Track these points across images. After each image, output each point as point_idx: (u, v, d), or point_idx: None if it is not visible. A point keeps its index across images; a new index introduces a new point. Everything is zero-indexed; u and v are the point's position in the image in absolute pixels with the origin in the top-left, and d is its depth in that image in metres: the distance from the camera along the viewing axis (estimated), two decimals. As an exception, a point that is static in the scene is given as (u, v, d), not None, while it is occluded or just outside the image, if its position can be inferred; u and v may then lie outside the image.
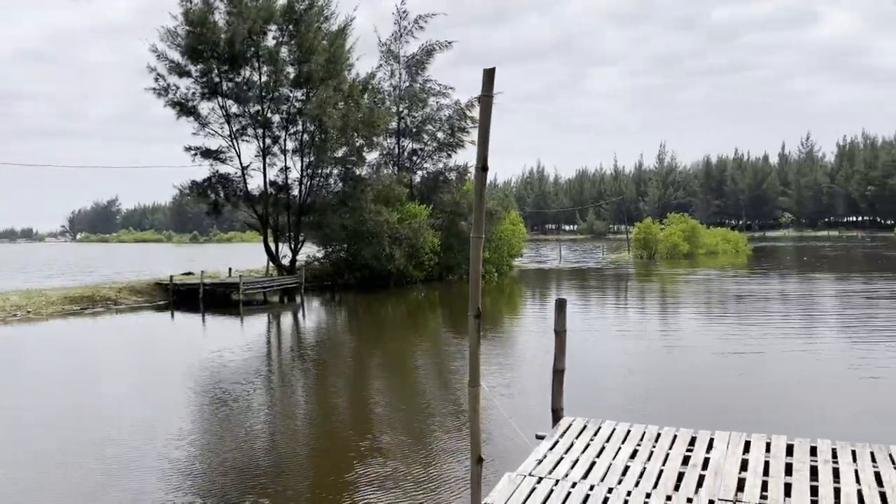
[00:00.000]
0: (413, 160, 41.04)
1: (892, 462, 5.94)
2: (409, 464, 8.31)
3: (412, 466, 8.21)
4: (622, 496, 5.31)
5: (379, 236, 32.89)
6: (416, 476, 7.88)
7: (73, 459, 8.72)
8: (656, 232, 57.75)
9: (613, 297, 30.00)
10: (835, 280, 34.27)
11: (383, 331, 21.81)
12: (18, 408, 11.76)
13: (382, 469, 8.14)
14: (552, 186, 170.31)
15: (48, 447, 9.22)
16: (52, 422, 10.70)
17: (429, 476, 7.88)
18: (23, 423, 10.64)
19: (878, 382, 12.25)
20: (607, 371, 13.55)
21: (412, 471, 8.05)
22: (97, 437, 9.71)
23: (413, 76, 40.10)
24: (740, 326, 19.40)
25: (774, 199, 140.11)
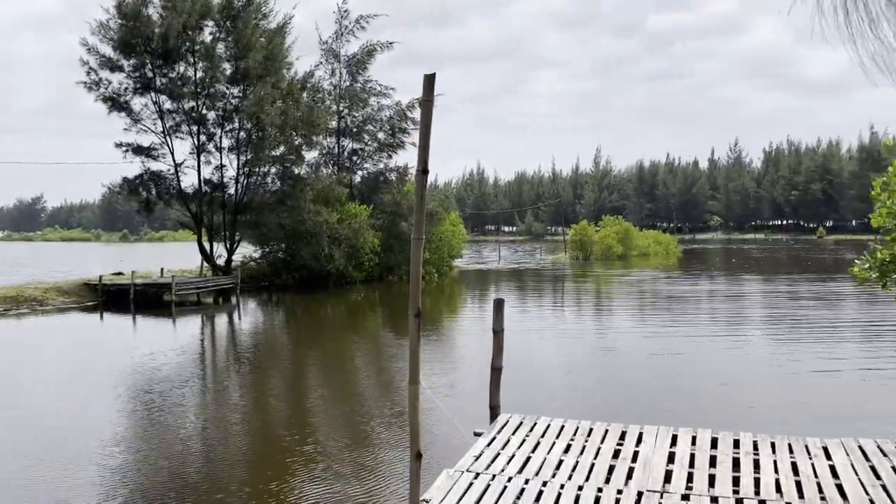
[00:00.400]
0: (353, 160, 40.85)
1: (808, 453, 6.31)
2: (348, 463, 8.33)
3: (351, 465, 8.24)
4: (556, 489, 5.49)
5: (318, 236, 32.60)
6: (356, 475, 7.92)
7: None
8: (592, 234, 59.07)
9: (551, 297, 30.58)
10: (762, 281, 35.78)
11: (322, 331, 21.66)
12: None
13: (321, 471, 8.15)
14: (492, 188, 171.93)
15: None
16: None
17: (368, 474, 7.93)
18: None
19: (798, 379, 12.91)
20: (545, 370, 13.84)
21: (351, 470, 8.09)
22: (21, 448, 9.37)
23: (354, 76, 39.94)
24: (672, 326, 20.08)
25: (704, 203, 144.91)
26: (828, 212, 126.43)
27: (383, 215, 37.23)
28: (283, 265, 34.54)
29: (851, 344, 16.43)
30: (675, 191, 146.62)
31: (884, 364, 13.96)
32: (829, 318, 21.07)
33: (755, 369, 13.73)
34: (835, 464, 6.01)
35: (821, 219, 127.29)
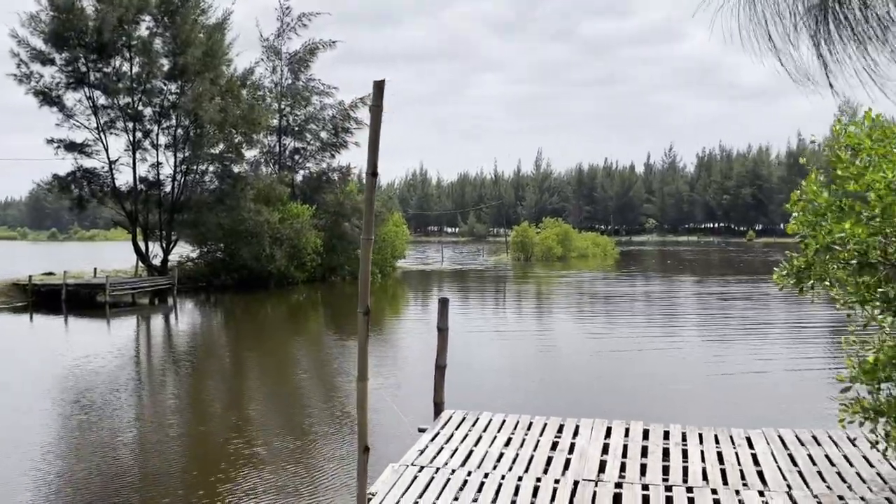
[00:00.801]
0: (295, 159, 40.47)
1: (732, 443, 6.72)
2: (294, 463, 8.39)
3: (297, 465, 8.30)
4: (497, 480, 5.71)
5: (259, 236, 32.19)
6: (302, 474, 7.98)
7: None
8: (533, 235, 60.00)
9: (493, 298, 31.00)
10: (695, 283, 37.09)
11: (263, 333, 21.46)
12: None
13: (268, 472, 8.18)
14: (435, 189, 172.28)
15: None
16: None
17: (314, 472, 8.01)
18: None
19: (726, 375, 13.56)
20: (487, 371, 14.12)
21: (298, 469, 8.15)
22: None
23: (296, 74, 39.58)
24: (611, 327, 20.70)
25: (640, 206, 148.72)
26: (757, 215, 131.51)
27: (326, 215, 37.01)
28: (221, 265, 33.95)
29: (778, 344, 17.29)
30: (613, 194, 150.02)
31: (807, 363, 14.78)
32: (759, 319, 22.08)
33: (692, 370, 14.33)
34: (756, 452, 6.43)
35: (751, 222, 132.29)
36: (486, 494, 5.45)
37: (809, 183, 4.70)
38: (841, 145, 4.58)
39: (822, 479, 5.78)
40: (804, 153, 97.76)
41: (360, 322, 4.25)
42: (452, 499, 5.38)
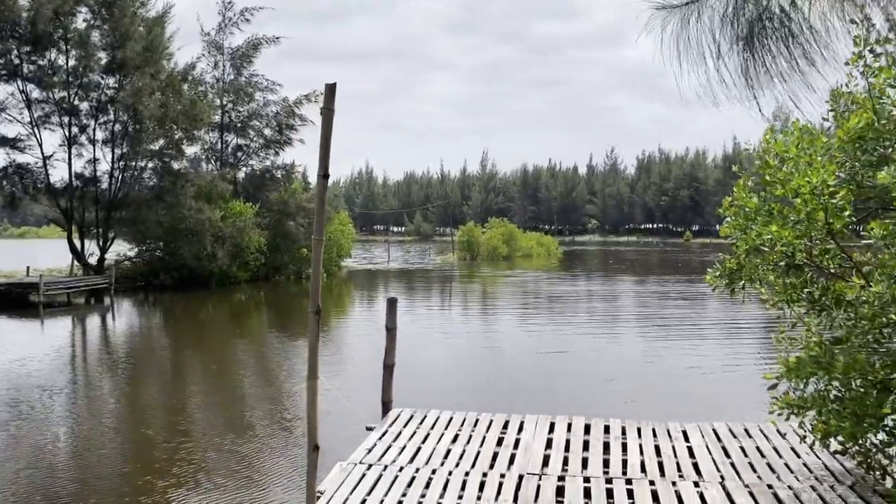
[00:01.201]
0: (238, 156, 39.81)
1: (669, 436, 7.00)
2: (238, 465, 8.33)
3: (238, 466, 8.25)
4: (444, 476, 5.83)
5: (200, 235, 31.54)
6: (248, 476, 7.94)
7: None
8: (479, 235, 60.46)
9: (440, 297, 31.15)
10: (636, 282, 38.04)
11: (204, 333, 21.07)
12: None
13: (208, 473, 8.10)
14: (381, 188, 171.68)
15: None
16: None
17: (260, 474, 7.97)
18: None
19: (664, 372, 14.02)
20: (433, 372, 14.24)
21: (240, 470, 8.09)
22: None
23: (238, 69, 38.94)
24: (554, 325, 21.09)
25: (583, 207, 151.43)
26: (694, 217, 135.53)
27: (270, 214, 36.52)
28: (161, 264, 33.12)
29: (714, 342, 17.93)
30: (557, 194, 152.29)
31: (740, 361, 15.39)
32: (696, 318, 22.83)
33: (632, 367, 14.74)
34: (692, 445, 6.72)
35: (688, 223, 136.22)
36: (434, 490, 5.56)
37: (740, 188, 4.96)
38: (770, 152, 4.85)
39: (753, 470, 6.09)
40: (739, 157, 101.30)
41: (310, 321, 4.31)
42: (400, 495, 5.47)
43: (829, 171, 4.46)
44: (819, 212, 4.56)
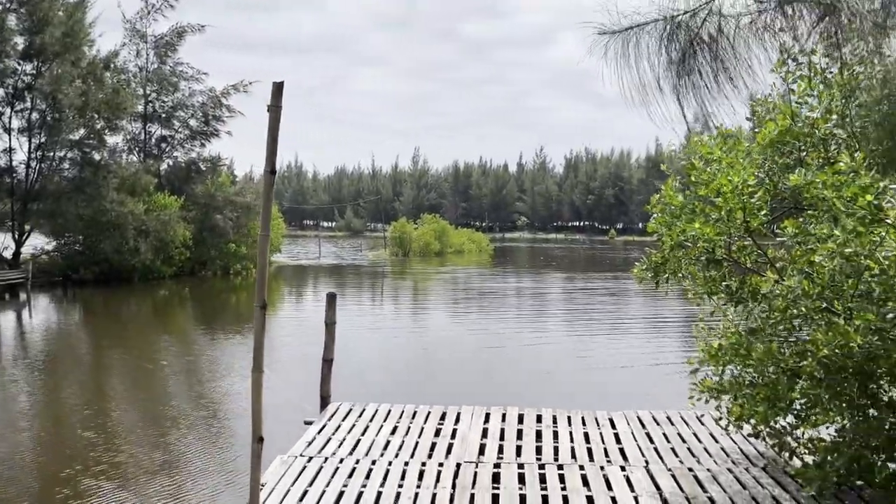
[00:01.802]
0: (162, 147, 38.62)
1: (597, 424, 7.33)
2: (169, 459, 8.22)
3: (171, 462, 8.14)
4: (384, 466, 5.96)
5: (122, 228, 30.47)
6: (182, 475, 7.85)
7: None
8: (411, 231, 60.54)
9: (373, 293, 31.13)
10: (564, 279, 38.96)
11: (126, 330, 20.44)
12: None
13: (139, 476, 7.96)
14: (311, 182, 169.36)
15: None
16: None
17: (191, 470, 7.89)
18: None
19: (592, 363, 14.53)
20: (369, 370, 14.30)
21: (171, 466, 7.99)
22: None
23: (162, 58, 37.76)
24: (485, 321, 21.44)
25: (512, 204, 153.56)
26: (619, 215, 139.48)
27: (196, 207, 35.60)
28: (81, 259, 31.77)
29: (639, 335, 18.64)
30: (488, 192, 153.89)
31: (664, 351, 16.08)
32: (622, 312, 23.64)
33: (562, 359, 15.19)
34: (618, 432, 7.07)
35: (613, 221, 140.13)
36: (374, 480, 5.68)
37: (667, 187, 5.28)
38: (696, 154, 5.19)
39: (675, 455, 6.47)
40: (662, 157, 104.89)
41: (256, 315, 4.36)
42: (342, 485, 5.57)
43: (749, 173, 4.82)
44: (738, 211, 4.92)
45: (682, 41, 2.60)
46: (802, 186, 4.48)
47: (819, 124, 5.36)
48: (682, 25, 2.61)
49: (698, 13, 2.64)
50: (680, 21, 2.63)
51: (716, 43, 2.60)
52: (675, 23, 2.62)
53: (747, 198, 4.88)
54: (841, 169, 4.36)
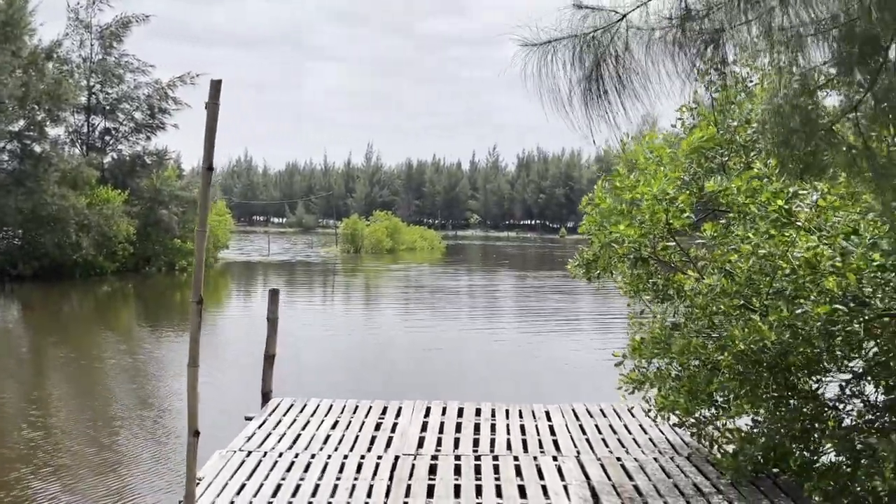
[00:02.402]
0: (106, 140, 37.65)
1: (534, 417, 7.57)
2: (107, 455, 8.15)
3: (110, 457, 8.08)
4: (323, 460, 6.06)
5: (63, 222, 29.62)
6: (121, 470, 7.80)
7: None
8: (362, 228, 60.36)
9: (322, 290, 31.00)
10: (515, 277, 39.44)
11: (67, 328, 19.94)
12: None
13: (79, 474, 7.89)
14: (261, 177, 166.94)
15: None
16: None
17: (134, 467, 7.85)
18: None
19: (537, 358, 14.85)
20: (316, 360, 14.33)
21: (110, 461, 7.94)
22: None
23: (107, 49, 36.79)
24: (435, 318, 21.63)
25: (465, 202, 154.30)
26: (569, 214, 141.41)
27: (140, 202, 34.84)
28: (19, 253, 30.77)
29: (582, 331, 19.09)
30: (441, 189, 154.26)
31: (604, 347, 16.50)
32: (568, 309, 24.10)
33: (504, 353, 15.47)
34: (553, 424, 7.32)
35: (563, 220, 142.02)
36: (313, 473, 5.78)
37: (598, 190, 5.53)
38: (621, 161, 5.46)
39: (606, 445, 6.74)
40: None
41: (192, 310, 4.42)
42: (280, 479, 5.65)
43: (670, 180, 5.10)
44: (661, 213, 5.19)
45: (592, 56, 2.79)
46: (719, 192, 4.76)
47: (740, 132, 5.68)
48: (592, 42, 2.80)
49: (609, 30, 2.83)
50: (592, 37, 2.82)
51: (623, 60, 2.80)
52: (586, 39, 2.81)
53: (668, 203, 5.15)
54: (754, 175, 4.65)
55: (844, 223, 4.61)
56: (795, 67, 2.92)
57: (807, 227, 4.70)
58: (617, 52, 2.79)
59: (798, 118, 2.87)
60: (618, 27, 2.83)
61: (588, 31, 2.84)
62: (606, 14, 2.84)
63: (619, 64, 2.82)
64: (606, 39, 2.86)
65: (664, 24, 2.91)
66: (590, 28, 2.85)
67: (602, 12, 2.79)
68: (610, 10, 2.84)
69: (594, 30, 2.85)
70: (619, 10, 2.81)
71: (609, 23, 2.85)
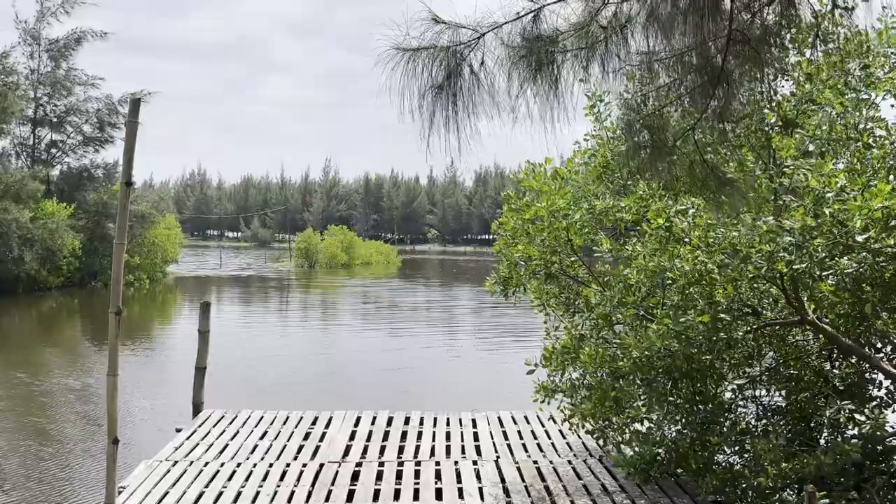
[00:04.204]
0: (52, 153, 36.95)
1: (461, 424, 7.87)
2: (36, 464, 8.16)
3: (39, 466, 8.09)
4: (248, 469, 6.25)
5: (6, 237, 28.95)
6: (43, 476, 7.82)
7: None
8: (317, 242, 60.12)
9: (275, 306, 30.87)
10: (471, 290, 39.80)
11: (6, 344, 19.54)
12: None
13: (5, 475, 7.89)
14: (216, 191, 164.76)
15: None
16: None
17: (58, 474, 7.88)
18: None
19: (472, 371, 15.17)
20: (256, 374, 14.39)
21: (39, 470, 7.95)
22: None
23: (57, 61, 36.23)
24: (382, 332, 21.81)
25: (423, 217, 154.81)
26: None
27: (87, 215, 34.26)
28: (-42, 269, 29.95)
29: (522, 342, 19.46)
30: (399, 204, 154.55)
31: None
32: (510, 322, 24.52)
33: (449, 368, 15.76)
34: (478, 431, 7.63)
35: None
36: (236, 482, 5.96)
37: (505, 212, 5.90)
38: (517, 184, 5.85)
39: (525, 450, 7.08)
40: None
41: (111, 321, 4.62)
42: (203, 487, 5.82)
43: (565, 199, 5.48)
44: (562, 231, 5.57)
45: (444, 70, 3.11)
46: (605, 211, 5.16)
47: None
48: (453, 55, 3.12)
49: (470, 45, 3.16)
50: (454, 51, 3.15)
51: (476, 76, 3.13)
52: (448, 52, 3.13)
53: (570, 219, 5.54)
54: (640, 195, 5.06)
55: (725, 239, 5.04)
56: (643, 88, 3.30)
57: (693, 243, 5.11)
58: (471, 68, 3.12)
59: (645, 135, 3.25)
60: (479, 43, 3.17)
61: (451, 45, 3.15)
62: (466, 31, 3.17)
63: (470, 81, 3.14)
64: (466, 53, 3.18)
65: (517, 44, 3.26)
66: (453, 43, 3.16)
67: (462, 29, 3.12)
68: (472, 27, 3.17)
69: (458, 44, 3.17)
70: (479, 29, 3.15)
71: (470, 39, 3.18)
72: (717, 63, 3.46)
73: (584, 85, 3.42)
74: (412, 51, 3.13)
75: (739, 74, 3.60)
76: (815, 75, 4.97)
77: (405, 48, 3.16)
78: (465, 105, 3.08)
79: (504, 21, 3.23)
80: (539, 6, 3.28)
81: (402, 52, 3.13)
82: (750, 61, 3.56)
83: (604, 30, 3.16)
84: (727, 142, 3.65)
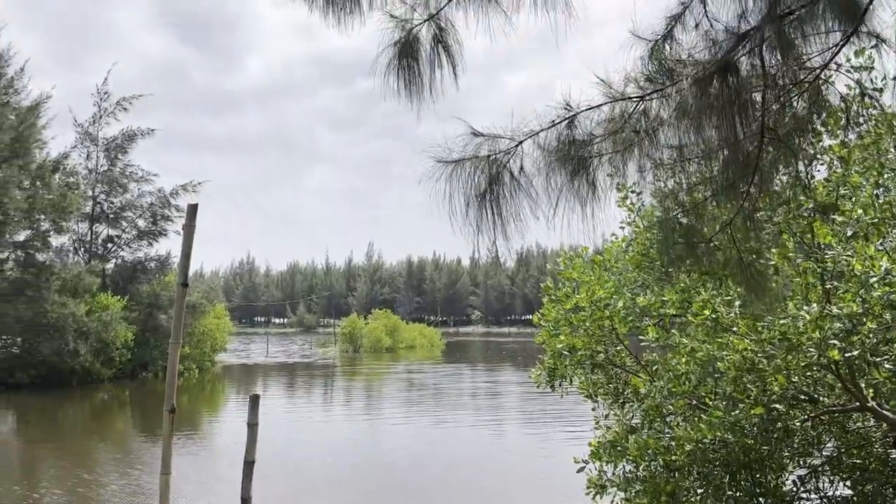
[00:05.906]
0: (108, 247, 38.49)
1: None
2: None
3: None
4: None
5: (63, 331, 29.88)
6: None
7: None
8: (361, 327, 60.45)
9: (321, 393, 30.90)
10: (514, 373, 39.27)
11: (61, 439, 19.87)
12: None
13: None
14: (263, 278, 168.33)
15: None
16: None
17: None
18: None
19: (521, 462, 14.79)
20: (307, 465, 14.31)
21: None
22: None
23: (112, 160, 38.22)
24: (431, 421, 21.57)
25: (466, 298, 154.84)
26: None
27: (139, 307, 35.24)
28: (17, 362, 30.85)
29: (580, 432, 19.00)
30: (441, 286, 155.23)
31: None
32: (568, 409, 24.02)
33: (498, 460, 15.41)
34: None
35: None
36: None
37: (546, 304, 5.94)
38: (556, 275, 5.92)
39: (579, 546, 6.82)
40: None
41: (165, 419, 4.73)
42: (252, 588, 5.74)
43: (606, 289, 5.51)
44: (605, 320, 5.57)
45: (485, 177, 3.28)
46: (648, 305, 5.16)
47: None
48: (493, 163, 3.29)
49: (509, 152, 3.32)
50: (494, 159, 3.31)
51: (517, 182, 3.28)
52: (489, 160, 3.30)
53: (611, 309, 5.54)
54: (682, 287, 5.06)
55: (774, 327, 4.97)
56: (676, 179, 3.38)
57: (742, 331, 5.05)
58: (511, 174, 3.28)
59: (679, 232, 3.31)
60: (516, 151, 3.34)
61: (491, 153, 3.33)
62: (504, 140, 3.35)
63: (513, 184, 3.29)
64: (505, 160, 3.35)
65: (552, 147, 3.41)
66: (493, 151, 3.35)
67: (500, 139, 3.31)
68: (509, 137, 3.35)
69: (498, 152, 3.34)
70: (516, 138, 3.33)
71: (509, 146, 3.35)
72: (749, 154, 3.55)
73: (618, 180, 3.54)
74: (454, 162, 3.30)
75: (772, 164, 3.67)
76: (849, 158, 4.99)
77: (447, 160, 3.34)
78: (507, 206, 3.22)
79: (540, 129, 3.40)
80: (573, 113, 3.45)
81: (445, 164, 3.30)
82: (782, 152, 3.64)
83: (636, 134, 3.29)
84: (765, 231, 3.68)
